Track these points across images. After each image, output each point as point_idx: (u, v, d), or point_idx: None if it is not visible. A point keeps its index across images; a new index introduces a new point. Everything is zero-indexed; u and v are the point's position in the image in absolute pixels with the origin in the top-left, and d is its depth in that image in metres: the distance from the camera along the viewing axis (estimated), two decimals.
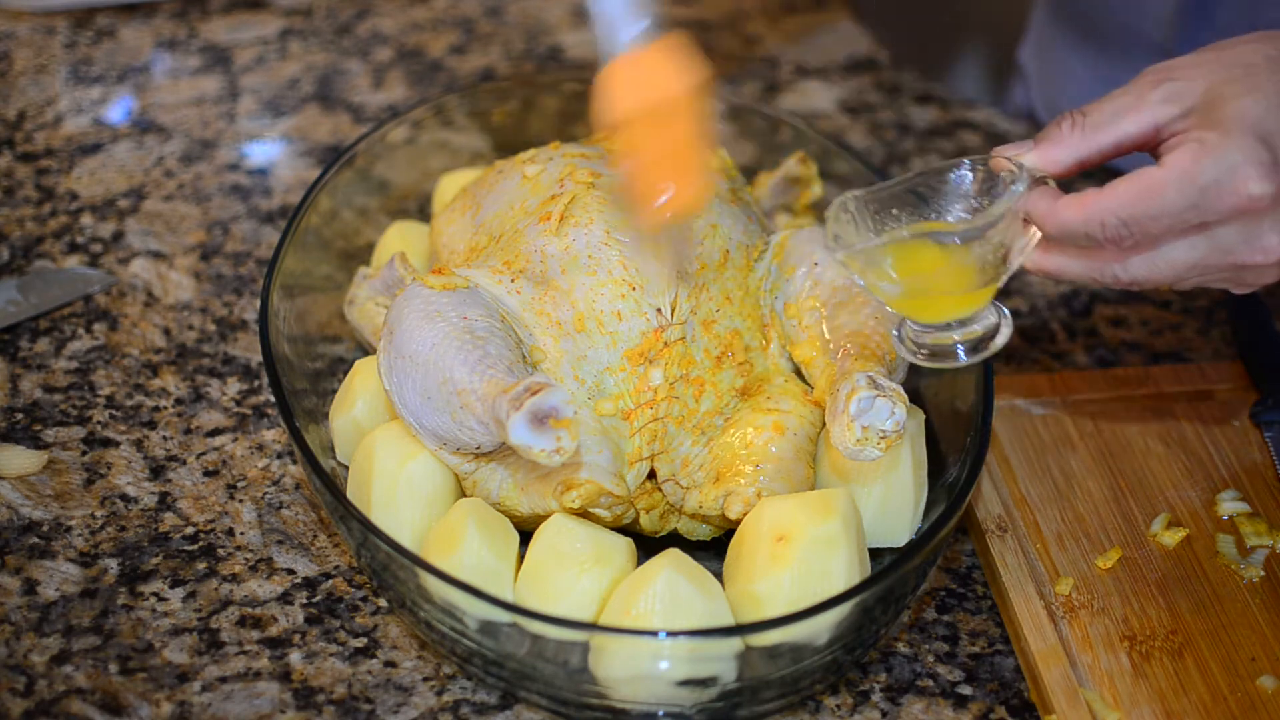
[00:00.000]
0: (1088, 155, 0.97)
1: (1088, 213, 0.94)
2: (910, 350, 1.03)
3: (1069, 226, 0.95)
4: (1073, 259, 0.97)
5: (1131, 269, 0.96)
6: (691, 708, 0.98)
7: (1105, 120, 0.96)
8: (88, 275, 1.30)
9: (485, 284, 1.08)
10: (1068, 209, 0.94)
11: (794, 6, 1.72)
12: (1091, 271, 0.97)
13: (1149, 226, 0.93)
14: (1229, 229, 0.93)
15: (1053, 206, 0.95)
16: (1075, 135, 0.96)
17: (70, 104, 1.50)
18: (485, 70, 1.59)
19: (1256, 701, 1.01)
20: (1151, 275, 0.96)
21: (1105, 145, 0.96)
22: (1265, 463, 1.17)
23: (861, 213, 1.01)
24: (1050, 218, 0.95)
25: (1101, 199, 0.93)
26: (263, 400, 1.21)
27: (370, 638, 1.05)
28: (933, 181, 1.00)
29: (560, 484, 1.01)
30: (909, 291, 0.99)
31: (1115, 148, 0.96)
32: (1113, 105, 0.96)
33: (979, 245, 0.96)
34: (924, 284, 0.98)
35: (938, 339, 1.01)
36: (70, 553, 1.08)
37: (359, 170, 1.28)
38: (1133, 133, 0.95)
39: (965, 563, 1.12)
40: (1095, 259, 0.96)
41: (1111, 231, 0.93)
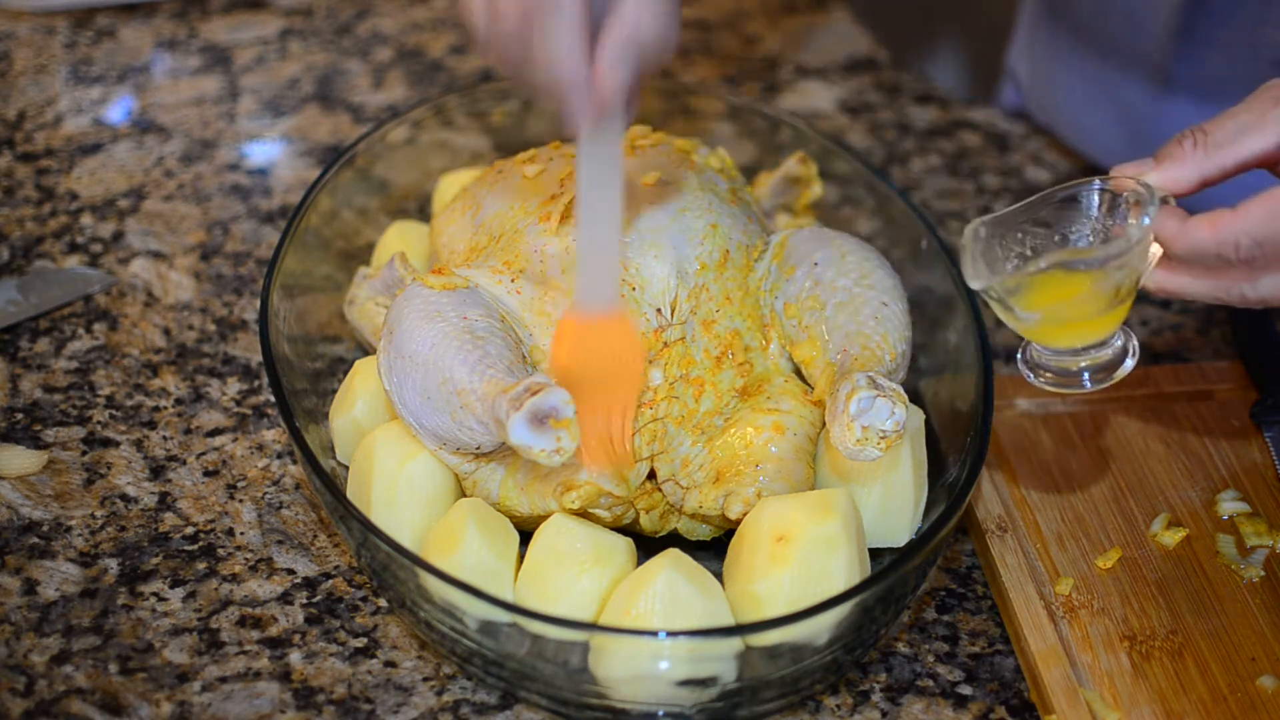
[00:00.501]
0: (1211, 174, 0.95)
1: (1220, 234, 0.92)
2: (1032, 369, 1.02)
3: (1201, 247, 0.93)
4: (1198, 279, 0.96)
5: (1261, 288, 0.94)
6: (691, 708, 0.98)
7: (1228, 138, 0.95)
8: (88, 275, 1.30)
9: (485, 284, 1.08)
10: (1199, 229, 0.93)
11: (794, 6, 1.72)
12: (1218, 291, 0.96)
13: None
14: None
15: (1182, 227, 0.94)
16: (1198, 154, 0.95)
17: (70, 104, 1.50)
18: (485, 70, 1.59)
19: (1256, 701, 1.01)
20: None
21: (1229, 163, 0.95)
22: (1265, 463, 1.17)
23: (992, 239, 1.00)
24: (1180, 238, 0.94)
25: (1234, 219, 0.92)
26: (263, 400, 1.21)
27: (370, 638, 1.05)
28: (1057, 204, 1.00)
29: (560, 484, 1.01)
30: (1045, 319, 0.98)
31: (1238, 165, 0.95)
32: (1235, 123, 0.95)
33: (1115, 271, 0.95)
34: (1059, 311, 0.98)
35: (1062, 363, 1.01)
36: (70, 553, 1.08)
37: (359, 170, 1.28)
38: (1257, 150, 0.94)
39: (965, 563, 1.12)
40: (1223, 278, 0.95)
41: (1245, 252, 0.92)
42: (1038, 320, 0.98)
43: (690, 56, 1.63)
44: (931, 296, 1.20)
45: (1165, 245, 0.96)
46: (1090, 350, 1.00)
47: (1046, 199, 1.00)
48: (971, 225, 1.00)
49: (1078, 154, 1.51)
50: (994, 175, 1.49)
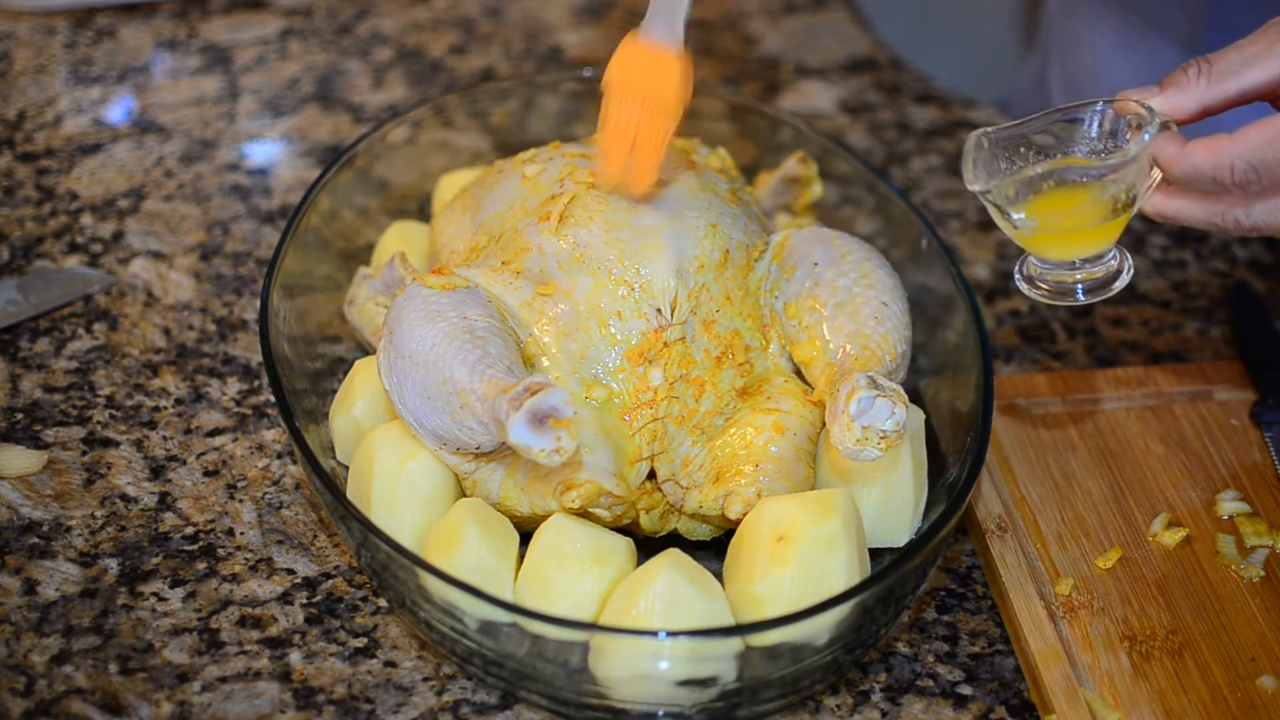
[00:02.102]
0: (1213, 102, 0.98)
1: (1218, 157, 0.94)
2: (1028, 283, 1.04)
3: (1198, 170, 0.95)
4: (1194, 203, 0.98)
5: (1255, 215, 0.97)
6: (691, 708, 0.98)
7: (1232, 68, 0.97)
8: (88, 275, 1.30)
9: (485, 284, 1.08)
10: (1197, 152, 0.95)
11: (794, 6, 1.72)
12: (1213, 216, 0.98)
13: (1278, 172, 0.94)
14: None
15: (1181, 150, 0.96)
16: (1201, 82, 0.97)
17: (70, 104, 1.50)
18: (485, 70, 1.59)
19: (1256, 701, 1.01)
20: (1274, 221, 0.97)
21: (1231, 92, 0.97)
22: (1265, 463, 1.17)
23: (995, 150, 1.01)
24: (1178, 161, 0.96)
25: (1231, 143, 0.94)
26: (263, 400, 1.21)
27: (370, 638, 1.05)
28: (1061, 123, 1.01)
29: (560, 484, 1.01)
30: (1041, 227, 1.00)
31: (1240, 95, 0.97)
32: (1240, 54, 0.97)
33: (1112, 184, 0.98)
34: (1055, 220, 0.99)
35: (1059, 277, 1.03)
36: (70, 553, 1.08)
37: (359, 170, 1.28)
38: (1260, 81, 0.96)
39: (965, 563, 1.12)
40: (1218, 203, 0.97)
41: (1240, 176, 0.94)
42: (1034, 228, 1.00)
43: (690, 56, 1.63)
44: (931, 296, 1.20)
45: (1164, 167, 0.97)
46: (1085, 264, 1.02)
47: (1050, 117, 1.01)
48: (975, 134, 1.01)
49: None
50: None
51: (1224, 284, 1.37)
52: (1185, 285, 1.37)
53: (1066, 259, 1.02)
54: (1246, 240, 1.41)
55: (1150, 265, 1.39)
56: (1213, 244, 1.41)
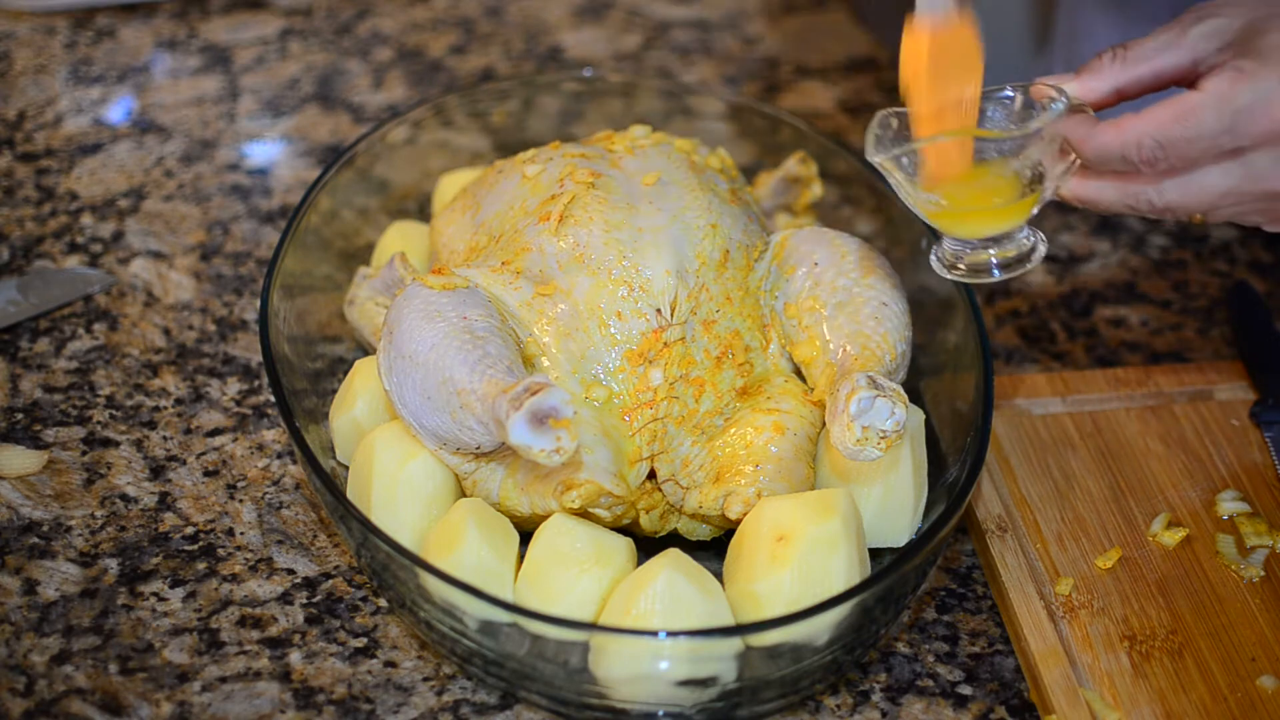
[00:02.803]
0: (1126, 85, 0.99)
1: (1124, 135, 0.95)
2: (947, 266, 1.04)
3: (1106, 149, 0.96)
4: (1108, 184, 0.99)
5: (1166, 194, 0.97)
6: (691, 708, 0.98)
7: (1146, 53, 0.98)
8: (88, 275, 1.30)
9: (485, 284, 1.08)
10: (1104, 132, 0.96)
11: (794, 6, 1.72)
12: (1126, 197, 0.98)
13: (1184, 149, 0.95)
14: (1263, 155, 0.95)
15: (1090, 130, 0.97)
16: (1115, 66, 0.99)
17: (70, 104, 1.51)
18: (485, 70, 1.59)
19: (1256, 701, 1.01)
20: (1185, 200, 0.97)
21: (1144, 77, 0.98)
22: (1265, 463, 1.17)
23: (904, 126, 1.02)
24: (1088, 141, 0.97)
25: (1138, 121, 0.95)
26: (263, 400, 1.21)
27: (370, 638, 1.05)
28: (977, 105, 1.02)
29: (560, 484, 1.01)
30: (944, 203, 1.00)
31: (1154, 79, 0.98)
32: (1155, 40, 0.98)
33: (1015, 160, 0.99)
34: (959, 197, 1.00)
35: (974, 257, 1.03)
36: (70, 553, 1.08)
37: (359, 170, 1.28)
38: (1171, 65, 0.98)
39: (965, 563, 1.12)
40: (1130, 184, 0.98)
41: (1147, 153, 0.95)
42: (938, 202, 1.00)
43: (690, 56, 1.63)
44: (931, 296, 1.20)
45: (1075, 148, 0.98)
46: (998, 243, 1.02)
47: None
48: (882, 112, 1.02)
49: None
50: None
51: (1224, 284, 1.37)
52: (1185, 285, 1.37)
53: (978, 237, 1.02)
54: (1246, 240, 1.41)
55: (1150, 265, 1.39)
56: (1213, 244, 1.41)
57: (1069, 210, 1.45)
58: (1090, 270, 1.38)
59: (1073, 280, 1.37)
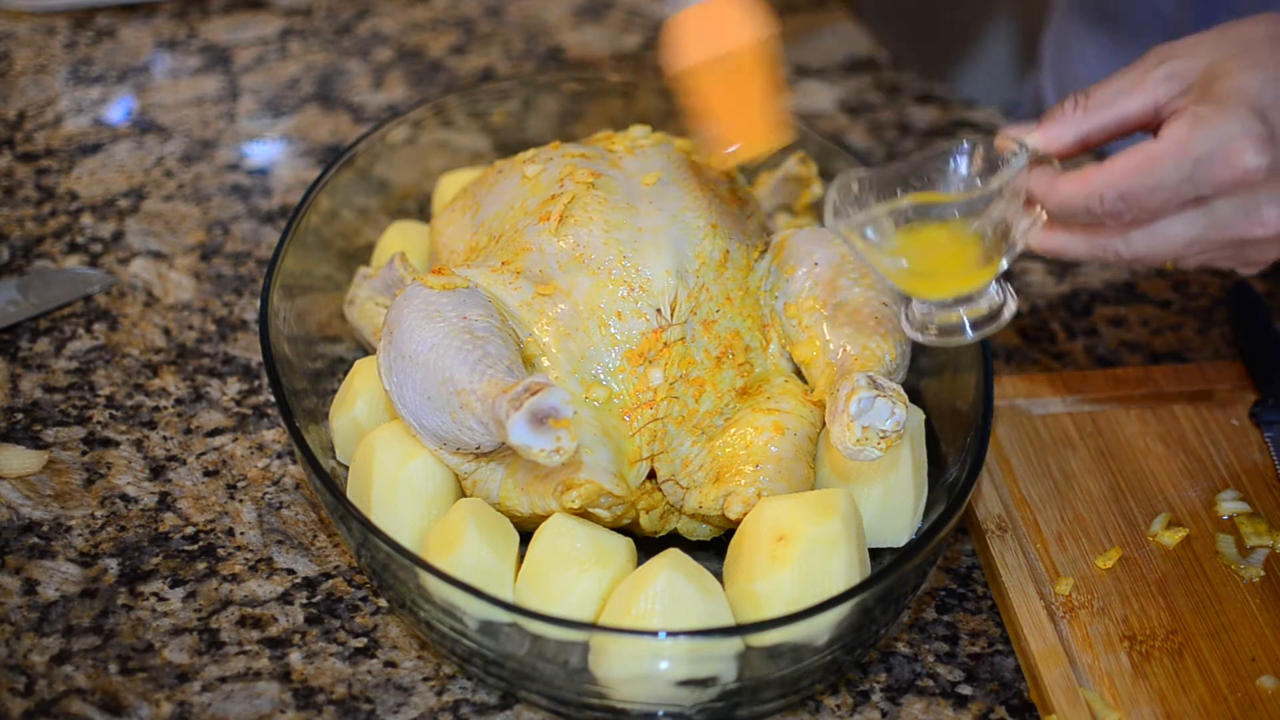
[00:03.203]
0: (1089, 133, 0.97)
1: (1087, 188, 0.94)
2: (918, 329, 1.02)
3: (1069, 202, 0.95)
4: (1076, 236, 0.97)
5: (1133, 245, 0.96)
6: (691, 708, 0.98)
7: (1107, 99, 0.96)
8: (88, 275, 1.30)
9: (485, 284, 1.08)
10: (1067, 185, 0.95)
11: (794, 6, 1.72)
12: (1094, 249, 0.97)
13: (1146, 200, 0.93)
14: (1226, 202, 0.93)
15: (1053, 183, 0.95)
16: (1077, 114, 0.97)
17: (70, 104, 1.51)
18: (485, 70, 1.59)
19: (1256, 701, 1.01)
20: (1152, 251, 0.95)
21: (1108, 123, 0.97)
22: (1265, 463, 1.17)
23: (865, 191, 1.00)
24: (1051, 194, 0.95)
25: (1099, 174, 0.93)
26: (263, 400, 1.21)
27: (370, 638, 1.05)
28: (937, 163, 1.00)
29: (560, 484, 1.01)
30: (911, 267, 0.98)
31: (1118, 125, 0.97)
32: (1115, 84, 0.97)
33: (979, 220, 0.96)
34: (925, 259, 0.98)
35: (944, 317, 1.01)
36: (70, 553, 1.08)
37: (359, 170, 1.28)
38: (1134, 110, 0.96)
39: (965, 563, 1.12)
40: (1097, 236, 0.96)
41: (1110, 205, 0.93)
42: (904, 268, 0.98)
43: None
44: None
45: (1039, 201, 0.97)
46: (966, 302, 1.00)
47: (926, 158, 1.00)
48: (841, 176, 0.99)
49: None
50: None
51: (1224, 284, 1.37)
52: (1185, 285, 1.37)
53: (944, 298, 1.00)
54: None
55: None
56: None
57: None
58: (1090, 270, 1.38)
59: (1073, 280, 1.37)
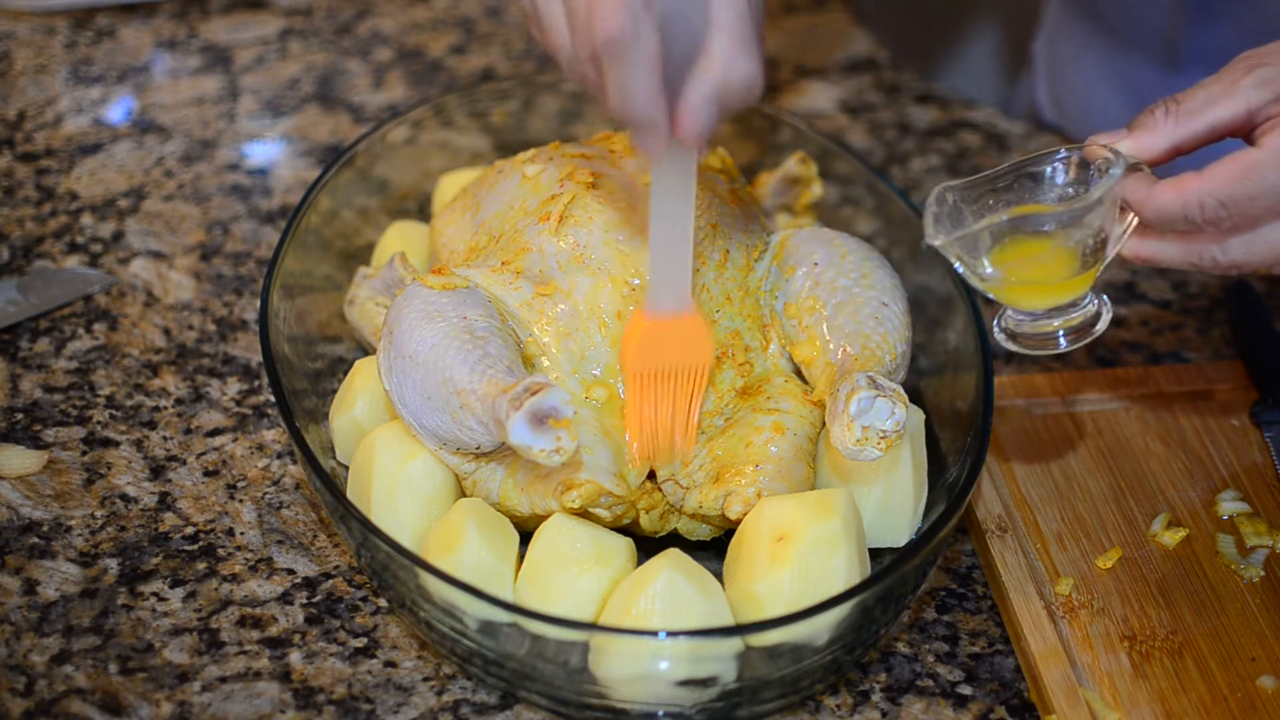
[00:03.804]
0: (1182, 141, 0.97)
1: (1186, 195, 0.94)
2: (1010, 338, 1.03)
3: (1167, 210, 0.95)
4: (1170, 244, 0.98)
5: (1230, 251, 0.96)
6: (691, 708, 0.98)
7: (1198, 106, 0.97)
8: (88, 275, 1.30)
9: (485, 284, 1.08)
10: (1165, 193, 0.95)
11: (794, 6, 1.72)
12: (1190, 256, 0.98)
13: (1247, 208, 0.94)
14: None
15: (1150, 191, 0.96)
16: (1169, 122, 0.97)
17: (70, 104, 1.50)
18: (485, 70, 1.59)
19: (1256, 701, 1.01)
20: (1250, 258, 0.96)
21: (1199, 130, 0.97)
22: (1265, 463, 1.17)
23: (959, 203, 1.01)
24: (1148, 202, 0.96)
25: (1200, 181, 0.94)
26: (263, 400, 1.21)
27: (370, 638, 1.05)
28: (1029, 171, 1.01)
29: (560, 484, 1.01)
30: (1008, 278, 0.99)
31: (1210, 133, 0.97)
32: (1205, 92, 0.97)
33: (1077, 231, 0.97)
34: (1022, 271, 0.99)
35: (1037, 327, 1.02)
36: (70, 553, 1.08)
37: (359, 170, 1.28)
38: (1226, 118, 0.96)
39: (965, 563, 1.12)
40: (1193, 243, 0.97)
41: (1210, 213, 0.94)
42: (1001, 279, 0.99)
43: None
44: (931, 296, 1.20)
45: (1135, 209, 0.97)
46: (1063, 312, 1.01)
47: (1018, 167, 1.01)
48: (938, 189, 1.00)
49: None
50: None
51: (1224, 284, 1.37)
52: (1185, 285, 1.37)
53: (1041, 308, 1.01)
54: None
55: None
56: None
57: None
58: None
59: None
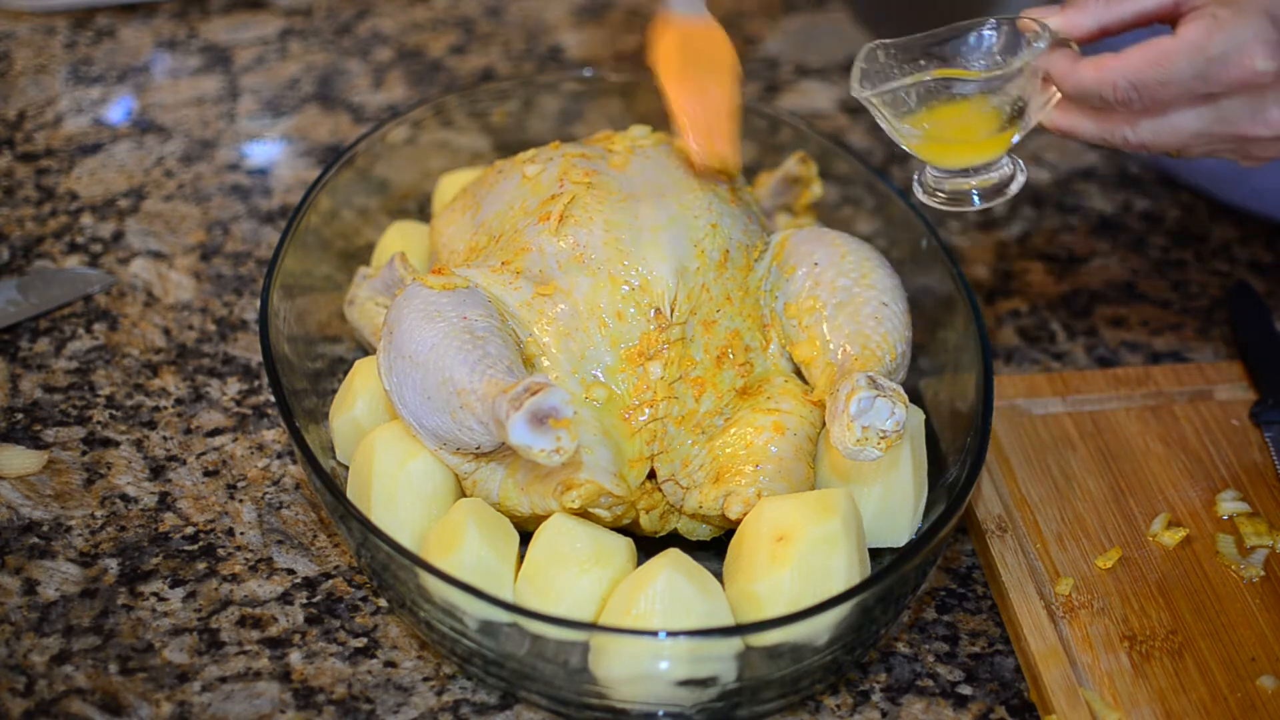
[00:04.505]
0: (1109, 23, 1.02)
1: (1101, 74, 0.99)
2: (929, 194, 1.07)
3: (1084, 86, 1.00)
4: (1087, 119, 1.03)
5: (1140, 132, 1.01)
6: (691, 708, 0.98)
7: None
8: (88, 275, 1.30)
9: (485, 284, 1.08)
10: (1084, 70, 1.00)
11: (794, 6, 1.72)
12: (1103, 133, 1.03)
13: (1158, 92, 0.98)
14: (1234, 101, 0.98)
15: (1071, 67, 1.01)
16: (1099, 3, 1.02)
17: (70, 104, 1.51)
18: (485, 70, 1.59)
19: (1256, 701, 1.01)
20: (1158, 140, 1.01)
21: (1126, 15, 1.01)
22: (1265, 463, 1.17)
23: (890, 63, 1.05)
24: (1068, 77, 1.01)
25: (1115, 62, 0.99)
26: (263, 400, 1.21)
27: (370, 638, 1.05)
28: (960, 37, 1.05)
29: (560, 484, 1.01)
30: (928, 135, 1.03)
31: (1135, 18, 1.01)
32: None
33: (997, 96, 1.02)
34: (943, 129, 1.03)
35: (955, 184, 1.07)
36: (70, 553, 1.08)
37: (359, 170, 1.28)
38: (1152, 5, 1.00)
39: (965, 563, 1.12)
40: (1107, 121, 1.02)
41: (1122, 94, 0.99)
42: (920, 137, 1.04)
43: None
44: (931, 296, 1.20)
45: (1056, 83, 1.02)
46: (979, 172, 1.06)
47: (951, 33, 1.05)
48: (869, 45, 1.05)
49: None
50: None
51: (1224, 284, 1.37)
52: (1185, 285, 1.37)
53: (955, 166, 1.06)
54: (1246, 240, 1.42)
55: (1150, 265, 1.39)
56: (1213, 244, 1.41)
57: (1069, 210, 1.45)
58: (1090, 270, 1.38)
59: (1073, 280, 1.37)
